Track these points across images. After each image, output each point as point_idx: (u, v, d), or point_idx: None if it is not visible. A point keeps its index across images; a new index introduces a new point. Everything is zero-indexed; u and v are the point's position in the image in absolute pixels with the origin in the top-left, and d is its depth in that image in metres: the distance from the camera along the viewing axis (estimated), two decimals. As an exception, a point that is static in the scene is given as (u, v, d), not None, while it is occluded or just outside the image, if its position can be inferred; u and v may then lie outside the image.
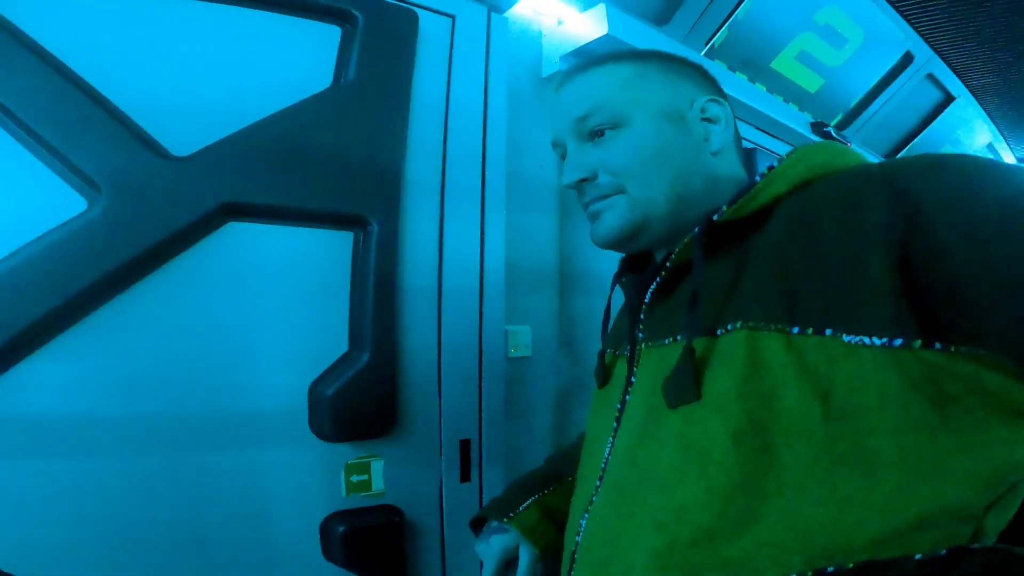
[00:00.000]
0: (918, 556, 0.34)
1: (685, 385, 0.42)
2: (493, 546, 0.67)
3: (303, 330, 0.91)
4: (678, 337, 0.46)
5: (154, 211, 0.79)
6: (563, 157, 0.58)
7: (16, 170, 0.73)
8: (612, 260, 1.34)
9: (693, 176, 0.52)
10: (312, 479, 0.92)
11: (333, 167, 0.92)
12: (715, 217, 0.45)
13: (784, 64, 1.92)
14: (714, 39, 1.73)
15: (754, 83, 1.87)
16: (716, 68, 1.69)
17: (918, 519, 0.34)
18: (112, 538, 0.77)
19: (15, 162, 0.73)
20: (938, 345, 0.33)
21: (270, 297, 0.89)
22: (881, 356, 0.34)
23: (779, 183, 0.44)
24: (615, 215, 0.52)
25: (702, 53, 1.69)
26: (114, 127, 0.76)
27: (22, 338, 0.71)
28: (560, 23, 1.38)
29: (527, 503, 0.69)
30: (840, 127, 2.14)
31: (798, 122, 1.91)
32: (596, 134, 0.53)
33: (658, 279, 0.50)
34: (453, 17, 1.11)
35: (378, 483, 0.98)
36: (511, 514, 0.68)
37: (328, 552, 0.93)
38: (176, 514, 0.82)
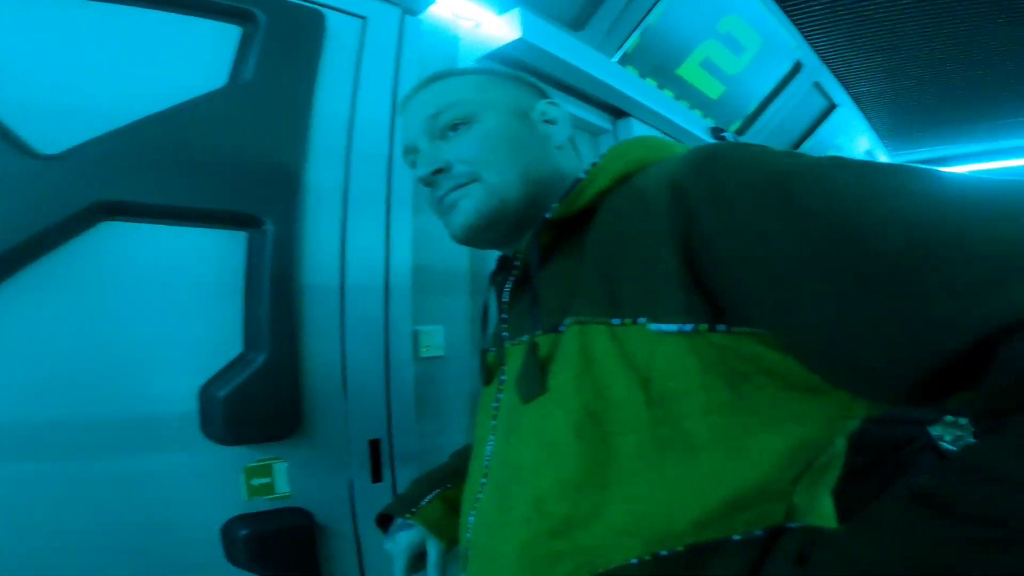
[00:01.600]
0: (736, 537, 0.36)
1: (533, 380, 0.44)
2: (400, 542, 0.68)
3: (191, 332, 0.89)
4: (531, 334, 0.48)
5: (15, 210, 0.74)
6: (413, 164, 0.59)
7: None
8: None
9: (543, 165, 0.54)
10: (208, 483, 0.91)
11: (225, 166, 0.90)
12: (547, 215, 0.47)
13: (689, 71, 2.03)
14: (626, 45, 1.81)
15: (663, 89, 1.97)
16: (628, 74, 1.76)
17: (731, 499, 0.36)
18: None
19: None
20: (721, 327, 0.36)
21: (154, 298, 0.86)
22: (681, 341, 0.37)
23: (601, 179, 0.47)
24: (472, 201, 0.52)
25: (615, 60, 1.76)
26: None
27: None
28: (477, 26, 1.40)
29: (429, 498, 0.69)
30: (739, 133, 2.30)
31: (700, 128, 2.03)
32: (449, 129, 0.54)
33: (512, 278, 0.53)
34: (364, 18, 1.11)
35: (282, 485, 0.98)
36: (413, 509, 0.68)
37: (232, 556, 0.93)
38: (64, 524, 0.79)
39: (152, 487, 0.86)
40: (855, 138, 2.99)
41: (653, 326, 0.38)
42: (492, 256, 1.37)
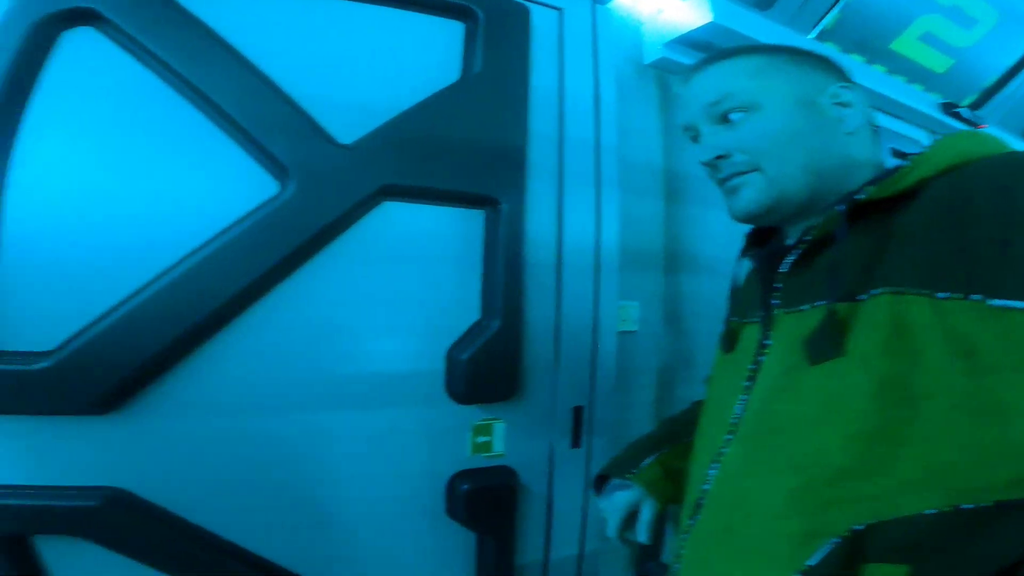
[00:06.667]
0: None
1: (829, 342, 0.46)
2: (616, 501, 0.71)
3: (441, 298, 1.00)
4: (817, 303, 0.49)
5: (330, 193, 0.91)
6: (694, 139, 0.61)
7: (222, 157, 0.88)
8: (716, 241, 1.34)
9: (829, 156, 0.54)
10: (443, 438, 1.01)
11: (466, 152, 1.01)
12: (861, 196, 0.48)
13: (906, 45, 1.81)
14: (823, 21, 1.67)
15: (872, 64, 1.77)
16: (827, 50, 1.62)
17: None
18: (261, 489, 0.89)
19: (221, 150, 0.88)
20: None
21: (413, 269, 0.99)
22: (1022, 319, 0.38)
23: (926, 167, 0.47)
24: (753, 190, 0.55)
25: (811, 36, 1.64)
26: (298, 119, 0.90)
27: (225, 310, 0.85)
28: (660, 12, 1.41)
29: (648, 460, 0.73)
30: (974, 107, 1.96)
31: (924, 103, 1.78)
32: (729, 116, 0.56)
33: (798, 251, 0.53)
34: (560, 10, 1.18)
35: (499, 445, 1.04)
36: (633, 471, 0.72)
37: (452, 509, 1.00)
38: (316, 469, 0.93)
39: (396, 439, 0.98)
40: None
41: (995, 302, 0.39)
42: (691, 240, 1.34)
